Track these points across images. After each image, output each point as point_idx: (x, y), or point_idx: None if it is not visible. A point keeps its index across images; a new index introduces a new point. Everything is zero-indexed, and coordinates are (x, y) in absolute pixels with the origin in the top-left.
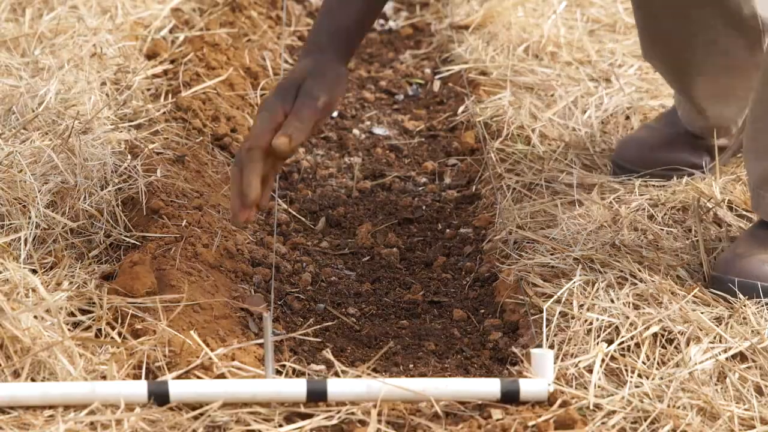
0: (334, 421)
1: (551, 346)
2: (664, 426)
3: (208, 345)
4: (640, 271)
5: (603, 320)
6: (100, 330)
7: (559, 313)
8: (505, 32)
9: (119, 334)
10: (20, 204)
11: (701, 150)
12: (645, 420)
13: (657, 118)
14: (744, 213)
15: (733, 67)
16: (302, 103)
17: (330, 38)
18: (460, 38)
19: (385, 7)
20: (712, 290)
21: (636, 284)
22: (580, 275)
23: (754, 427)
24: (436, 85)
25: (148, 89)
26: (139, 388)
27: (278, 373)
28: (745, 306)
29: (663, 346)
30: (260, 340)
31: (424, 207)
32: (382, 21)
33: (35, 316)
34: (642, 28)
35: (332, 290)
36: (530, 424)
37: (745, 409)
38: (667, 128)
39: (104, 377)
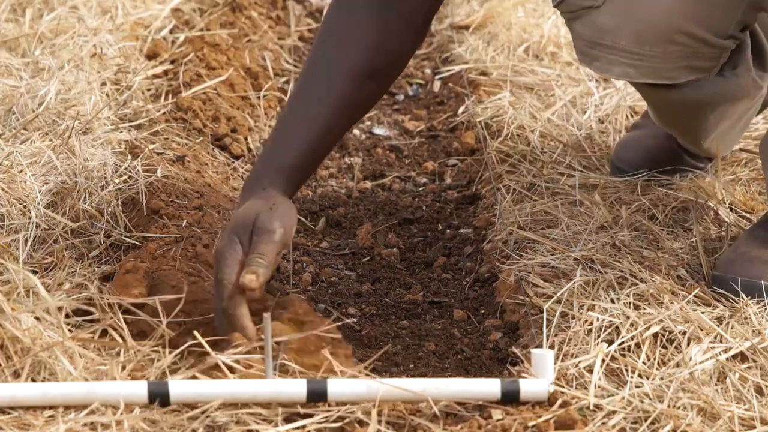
0: (334, 422)
1: (551, 347)
2: (664, 426)
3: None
4: (640, 271)
5: (603, 320)
6: (100, 330)
7: (560, 313)
8: (505, 32)
9: (119, 334)
10: (20, 204)
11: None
12: (645, 420)
13: (646, 113)
14: (744, 214)
15: (745, 118)
16: (259, 239)
17: (275, 178)
18: (460, 38)
19: None
20: (714, 289)
21: (636, 284)
22: (580, 275)
23: (754, 427)
24: (437, 86)
25: (149, 89)
26: (139, 389)
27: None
28: (747, 306)
29: (663, 346)
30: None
31: (424, 207)
32: None
33: (35, 317)
34: (653, 114)
35: (332, 290)
36: (530, 424)
37: (746, 410)
38: (661, 128)
39: (105, 377)
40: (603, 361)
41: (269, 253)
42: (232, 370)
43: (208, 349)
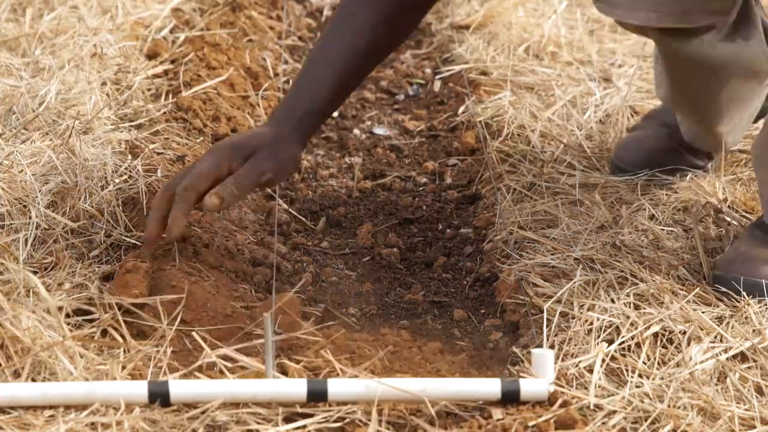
0: (334, 422)
1: (552, 346)
2: (664, 426)
3: (208, 344)
4: (640, 270)
5: (603, 320)
6: (100, 330)
7: (560, 313)
8: (505, 32)
9: (120, 334)
10: (21, 204)
11: (701, 152)
12: (645, 420)
13: (647, 116)
14: (744, 214)
15: (754, 103)
16: (247, 171)
17: (296, 121)
18: (460, 38)
19: None
20: (715, 288)
21: (637, 284)
22: (580, 275)
23: (754, 427)
24: (437, 85)
25: (149, 89)
26: (140, 388)
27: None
28: (748, 305)
29: (664, 346)
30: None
31: (424, 207)
32: None
33: (36, 317)
34: (671, 84)
35: (333, 290)
36: (531, 424)
37: (746, 409)
38: (662, 128)
39: (105, 377)
40: (603, 360)
41: (245, 188)
42: (229, 369)
43: (207, 348)
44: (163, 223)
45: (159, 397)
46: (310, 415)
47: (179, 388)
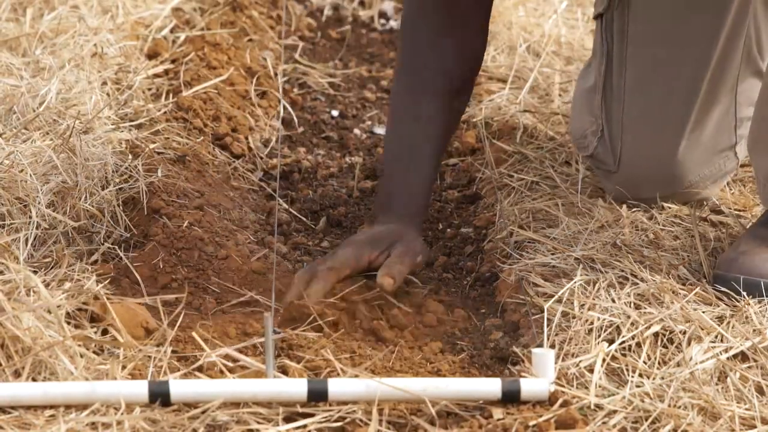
0: (335, 421)
1: (552, 346)
2: (665, 426)
3: (209, 344)
4: (641, 270)
5: (604, 320)
6: (101, 330)
7: (560, 312)
8: (506, 31)
9: (120, 334)
10: (21, 204)
11: None
12: (646, 420)
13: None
14: (742, 213)
15: None
16: (405, 251)
17: (411, 218)
18: None
19: (386, 6)
20: (715, 288)
21: (637, 284)
22: (581, 275)
23: (755, 426)
24: None
25: (149, 89)
26: (140, 388)
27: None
28: (748, 305)
29: (664, 346)
30: (261, 339)
31: None
32: (383, 20)
33: (36, 316)
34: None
35: None
36: (531, 423)
37: (746, 409)
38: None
39: (105, 377)
40: (603, 360)
41: (407, 266)
42: (229, 369)
43: (206, 348)
44: (301, 297)
45: (159, 396)
46: (311, 415)
47: (180, 387)
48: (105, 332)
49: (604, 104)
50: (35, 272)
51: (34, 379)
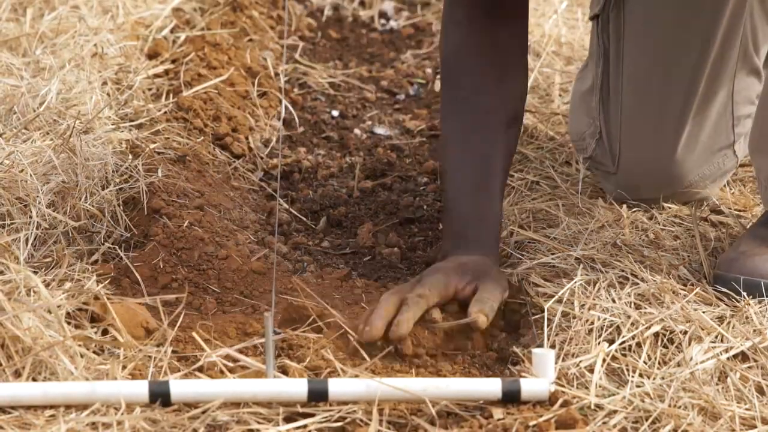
0: (335, 421)
1: (552, 346)
2: (665, 426)
3: (209, 344)
4: (641, 270)
5: (604, 320)
6: (101, 330)
7: (561, 312)
8: None
9: (120, 334)
10: (21, 204)
11: None
12: (646, 420)
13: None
14: (742, 213)
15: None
16: (495, 286)
17: (490, 248)
18: None
19: (387, 6)
20: (716, 288)
21: (637, 284)
22: (581, 275)
23: (755, 426)
24: (438, 85)
25: (149, 89)
26: (140, 388)
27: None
28: (748, 305)
29: (664, 346)
30: (262, 339)
31: (425, 207)
32: (383, 21)
33: (36, 316)
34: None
35: None
36: (531, 423)
37: (746, 409)
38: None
39: (106, 377)
40: (604, 360)
41: (497, 302)
42: (230, 369)
43: (206, 348)
44: (388, 322)
45: (160, 396)
46: (311, 415)
47: (180, 387)
48: (105, 332)
49: (602, 106)
50: (35, 272)
51: (34, 379)
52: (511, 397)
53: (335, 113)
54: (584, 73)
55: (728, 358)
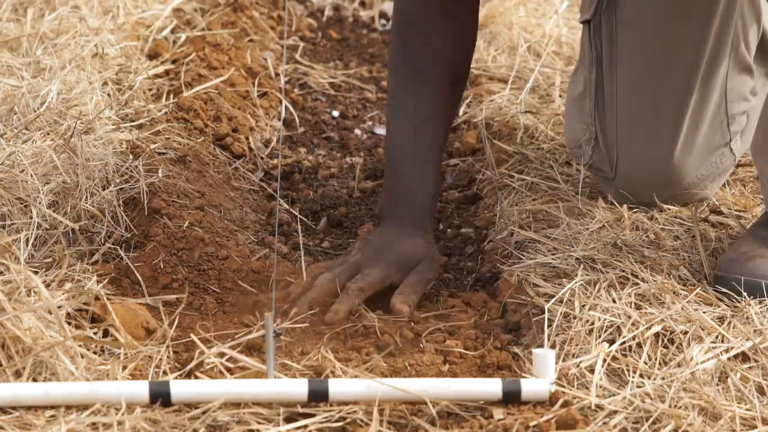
0: (336, 421)
1: (553, 346)
2: (665, 426)
3: (210, 344)
4: (642, 270)
5: (605, 320)
6: (101, 330)
7: (561, 313)
8: (506, 32)
9: (121, 334)
10: (22, 204)
11: None
12: (647, 420)
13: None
14: (742, 214)
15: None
16: (419, 281)
17: (428, 213)
18: None
19: (387, 7)
20: (716, 288)
21: (638, 284)
22: (581, 275)
23: (755, 427)
24: None
25: (150, 89)
26: (141, 388)
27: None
28: (749, 305)
29: (665, 346)
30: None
31: None
32: (383, 21)
33: (37, 317)
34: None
35: None
36: (532, 424)
37: (747, 409)
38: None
39: (106, 377)
40: (604, 360)
41: (419, 294)
42: (229, 370)
43: (205, 349)
44: (312, 305)
45: (160, 397)
46: (311, 415)
47: (180, 388)
48: (106, 332)
49: (597, 111)
50: (36, 272)
51: (34, 380)
52: (511, 398)
53: (336, 113)
54: (575, 77)
55: (729, 359)
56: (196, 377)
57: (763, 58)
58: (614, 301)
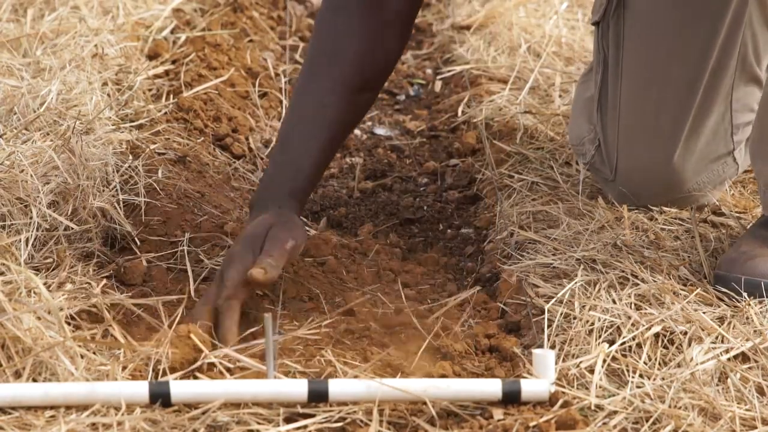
0: (335, 422)
1: (552, 347)
2: (665, 426)
3: (209, 345)
4: (641, 271)
5: (604, 320)
6: (101, 331)
7: (561, 313)
8: (506, 32)
9: (121, 334)
10: (22, 204)
11: None
12: (647, 420)
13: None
14: (742, 215)
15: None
16: (272, 245)
17: (286, 201)
18: (461, 38)
19: None
20: (716, 288)
21: (638, 284)
22: (581, 275)
23: (755, 427)
24: (438, 86)
25: (150, 90)
26: (141, 389)
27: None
28: (749, 305)
29: (665, 347)
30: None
31: (425, 207)
32: None
33: (37, 317)
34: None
35: None
36: (532, 424)
37: (747, 410)
38: None
39: (106, 378)
40: (604, 361)
41: (278, 257)
42: (229, 371)
43: (205, 349)
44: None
45: (160, 397)
46: (311, 416)
47: (180, 388)
48: (106, 333)
49: (600, 113)
50: (36, 273)
51: (34, 380)
52: (511, 398)
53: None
54: (587, 77)
55: (729, 359)
56: (196, 377)
57: None
58: (614, 301)
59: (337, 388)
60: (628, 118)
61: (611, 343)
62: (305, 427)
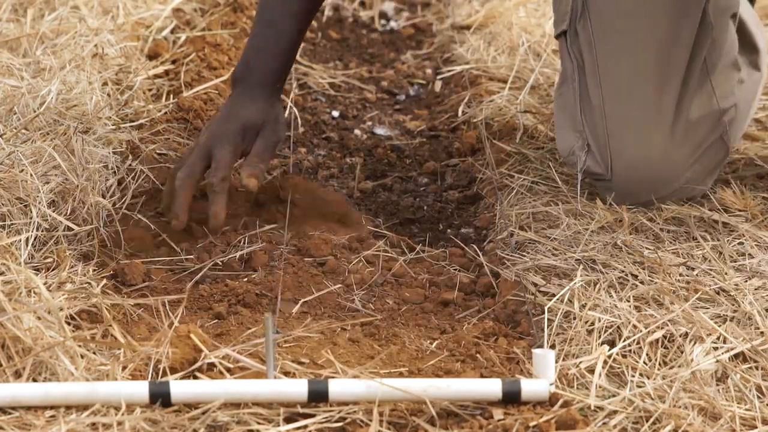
0: (335, 422)
1: (552, 347)
2: (665, 426)
3: (209, 345)
4: (642, 271)
5: (605, 320)
6: (101, 330)
7: (561, 313)
8: (506, 32)
9: (121, 334)
10: (21, 204)
11: None
12: (647, 420)
13: None
14: (740, 214)
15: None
16: (265, 146)
17: (270, 81)
18: (461, 38)
19: (387, 7)
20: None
21: (638, 285)
22: (581, 275)
23: (755, 427)
24: (438, 86)
25: (150, 90)
26: (141, 389)
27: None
28: (750, 305)
29: (665, 347)
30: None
31: (425, 207)
32: (383, 21)
33: (37, 317)
34: None
35: None
36: (532, 424)
37: (747, 410)
38: None
39: (106, 378)
40: (604, 361)
41: (267, 159)
42: (229, 371)
43: (205, 350)
44: (189, 208)
45: (160, 397)
46: (311, 416)
47: (180, 388)
48: (106, 333)
49: (585, 118)
50: (36, 273)
51: (34, 380)
52: (511, 398)
53: (335, 114)
54: (561, 90)
55: (729, 359)
56: (196, 377)
57: (744, 47)
58: (614, 301)
59: (337, 388)
60: (615, 116)
61: (611, 342)
62: (305, 427)
